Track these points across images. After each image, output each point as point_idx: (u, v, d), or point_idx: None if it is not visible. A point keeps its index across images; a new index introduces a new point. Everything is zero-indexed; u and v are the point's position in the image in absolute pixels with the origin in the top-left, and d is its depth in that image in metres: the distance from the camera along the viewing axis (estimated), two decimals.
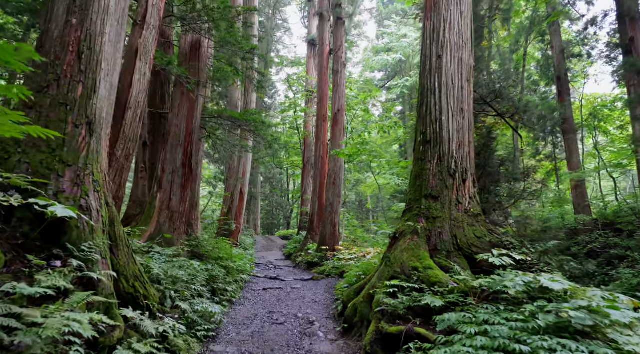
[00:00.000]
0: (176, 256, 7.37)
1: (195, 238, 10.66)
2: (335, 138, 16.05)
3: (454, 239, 5.75)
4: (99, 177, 4.30)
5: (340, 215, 15.95)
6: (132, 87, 5.13)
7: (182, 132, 8.28)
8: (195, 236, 10.93)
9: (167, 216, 7.89)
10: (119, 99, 4.97)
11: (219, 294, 8.04)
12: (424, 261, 5.47)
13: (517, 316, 3.53)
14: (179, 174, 8.15)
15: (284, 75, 38.53)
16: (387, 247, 6.23)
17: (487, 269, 5.45)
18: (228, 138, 11.08)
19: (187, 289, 5.83)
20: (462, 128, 6.32)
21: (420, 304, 4.74)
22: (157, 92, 9.50)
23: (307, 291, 10.07)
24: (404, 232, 6.01)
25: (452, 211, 5.94)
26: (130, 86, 5.12)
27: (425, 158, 6.32)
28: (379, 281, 5.73)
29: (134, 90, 5.14)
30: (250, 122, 8.69)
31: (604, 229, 10.43)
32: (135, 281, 4.51)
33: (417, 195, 6.26)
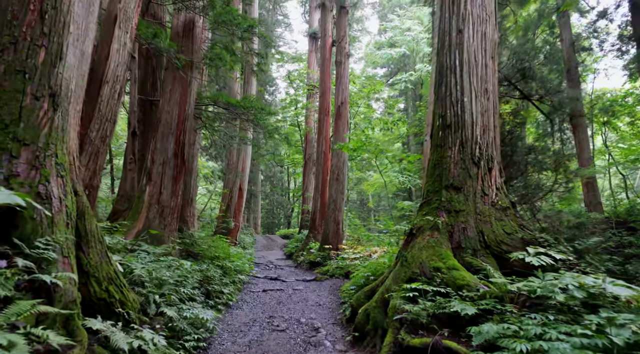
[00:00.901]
0: (166, 255, 6.66)
1: (190, 236, 9.96)
2: (338, 132, 15.33)
3: (480, 235, 5.03)
4: (64, 160, 3.58)
5: (343, 213, 15.24)
6: (109, 58, 4.42)
7: (174, 119, 7.57)
8: (189, 233, 10.23)
9: (157, 211, 7.18)
10: (95, 72, 4.28)
11: (214, 297, 7.33)
12: (447, 260, 4.75)
13: (580, 330, 2.81)
14: (171, 165, 7.44)
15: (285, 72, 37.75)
16: (402, 245, 5.51)
17: (520, 270, 4.73)
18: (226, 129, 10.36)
19: (176, 293, 5.12)
20: (487, 110, 5.60)
21: (446, 311, 4.03)
22: (148, 78, 8.80)
23: (310, 293, 9.36)
24: (422, 227, 5.29)
25: (477, 203, 5.22)
26: (108, 58, 4.42)
27: (445, 144, 5.60)
28: (394, 284, 5.02)
29: (111, 62, 4.44)
30: (249, 110, 7.97)
31: (617, 227, 9.72)
32: (110, 284, 3.79)
33: (436, 186, 5.54)
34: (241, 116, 8.63)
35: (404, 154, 16.28)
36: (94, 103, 4.21)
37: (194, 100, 7.89)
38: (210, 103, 8.42)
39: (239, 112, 8.49)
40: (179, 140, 7.58)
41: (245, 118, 8.56)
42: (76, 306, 3.07)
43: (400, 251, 5.61)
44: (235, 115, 8.71)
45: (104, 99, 4.26)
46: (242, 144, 12.12)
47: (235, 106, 8.08)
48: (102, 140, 4.23)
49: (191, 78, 7.69)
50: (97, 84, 4.26)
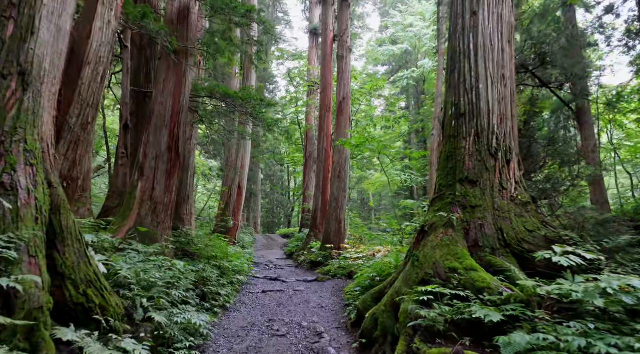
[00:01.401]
0: (158, 255, 6.23)
1: (186, 234, 9.53)
2: (340, 128, 14.89)
3: (499, 232, 4.60)
4: (34, 147, 3.16)
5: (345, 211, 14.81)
6: (91, 37, 4.00)
7: (168, 111, 7.14)
8: (185, 232, 9.80)
9: (149, 207, 6.75)
10: (75, 53, 3.87)
11: (210, 299, 6.91)
12: (464, 260, 4.32)
13: (634, 343, 2.38)
14: (164, 159, 7.01)
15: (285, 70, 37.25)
16: (413, 244, 5.08)
17: (543, 270, 4.31)
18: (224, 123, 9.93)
19: (167, 296, 4.69)
20: (504, 98, 5.17)
21: (465, 317, 3.60)
22: (141, 69, 8.38)
23: (312, 294, 8.94)
24: (435, 224, 4.86)
25: (495, 198, 4.79)
26: (90, 37, 3.99)
27: (459, 135, 5.17)
28: (405, 286, 4.59)
29: (93, 41, 4.02)
30: (247, 102, 7.52)
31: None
32: (88, 287, 3.37)
33: (449, 179, 5.11)
34: (239, 108, 8.20)
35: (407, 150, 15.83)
36: (74, 86, 3.80)
37: (189, 91, 7.47)
38: (207, 95, 8.00)
39: (237, 105, 8.05)
40: (173, 133, 7.15)
41: (243, 111, 8.12)
42: (43, 314, 2.64)
43: (410, 250, 5.19)
44: (233, 108, 8.28)
45: (85, 81, 3.84)
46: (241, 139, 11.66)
47: (233, 98, 7.64)
48: (82, 127, 3.81)
49: (186, 67, 7.26)
50: (77, 66, 3.85)
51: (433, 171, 8.94)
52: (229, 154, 16.65)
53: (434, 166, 8.86)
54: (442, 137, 5.56)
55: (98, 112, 4.09)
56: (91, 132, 3.97)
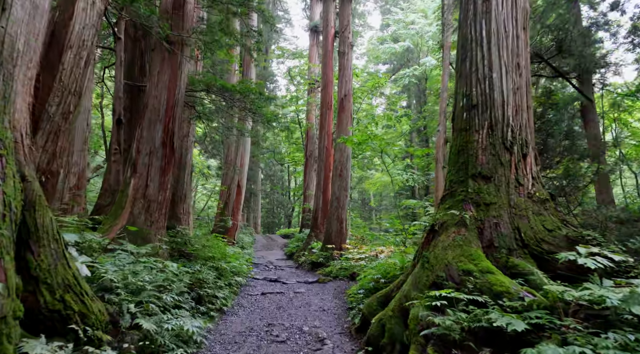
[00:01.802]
0: (151, 256, 5.90)
1: (182, 234, 9.20)
2: (341, 126, 14.54)
3: (515, 232, 4.26)
4: (4, 135, 2.82)
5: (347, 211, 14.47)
6: (73, 19, 3.66)
7: (162, 105, 6.80)
8: (182, 232, 9.47)
9: (142, 206, 6.41)
10: (56, 36, 3.54)
11: (206, 302, 6.57)
12: (479, 262, 3.98)
13: None
14: (158, 155, 6.68)
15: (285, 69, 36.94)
16: (422, 244, 4.75)
17: (565, 273, 3.97)
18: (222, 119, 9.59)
19: (158, 300, 4.35)
20: (520, 88, 4.83)
21: (483, 324, 3.26)
22: (135, 62, 8.05)
23: (313, 297, 8.60)
24: (446, 223, 4.52)
25: (511, 195, 4.45)
26: (72, 18, 3.66)
27: (471, 127, 4.83)
28: (414, 289, 4.25)
29: (76, 23, 3.68)
30: (246, 95, 7.17)
31: None
32: (66, 292, 3.03)
33: (460, 175, 4.77)
34: (238, 103, 7.87)
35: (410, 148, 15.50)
36: (54, 72, 3.47)
37: (184, 84, 7.13)
38: (204, 89, 7.66)
39: (236, 99, 7.72)
40: (167, 128, 6.81)
41: (242, 106, 7.79)
42: (6, 324, 2.30)
43: (418, 250, 4.85)
44: (232, 103, 7.94)
45: (66, 67, 3.51)
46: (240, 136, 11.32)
47: (231, 92, 7.30)
48: (63, 117, 3.48)
49: (182, 59, 6.92)
50: (58, 50, 3.52)
51: (439, 169, 8.65)
52: (228, 152, 16.32)
53: (439, 163, 8.57)
54: (452, 131, 5.22)
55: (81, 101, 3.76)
56: (74, 123, 3.64)
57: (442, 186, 9.13)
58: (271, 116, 8.05)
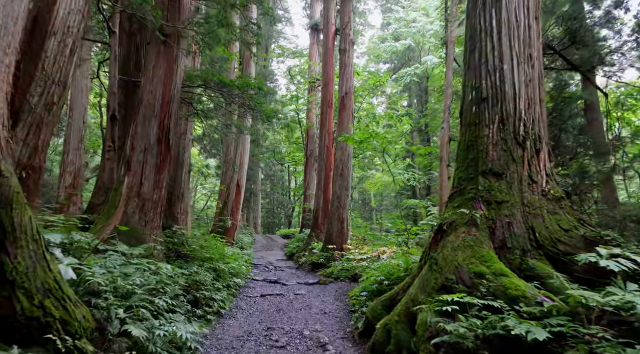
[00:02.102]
0: (145, 257, 5.65)
1: (179, 235, 8.96)
2: (342, 124, 14.30)
3: (529, 232, 4.02)
4: None
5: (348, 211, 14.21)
6: (57, 3, 3.42)
7: (158, 100, 6.56)
8: (178, 232, 9.23)
9: (136, 204, 6.17)
10: (39, 22, 3.31)
11: (203, 304, 6.32)
12: (492, 263, 3.73)
13: None
14: (153, 152, 6.43)
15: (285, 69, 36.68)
16: (429, 244, 4.50)
17: (583, 276, 3.72)
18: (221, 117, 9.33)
19: (150, 304, 4.11)
20: (532, 80, 4.59)
21: (499, 332, 3.01)
22: (130, 57, 7.81)
23: (314, 298, 8.35)
24: (455, 223, 4.28)
25: (524, 192, 4.21)
26: (56, 3, 3.42)
27: (481, 122, 4.59)
28: (422, 293, 4.01)
29: (60, 8, 3.44)
30: (244, 90, 6.91)
31: None
32: (46, 297, 2.79)
33: (470, 172, 4.53)
34: (236, 99, 7.62)
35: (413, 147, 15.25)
36: (36, 61, 3.23)
37: (181, 78, 6.89)
38: (201, 85, 7.42)
39: (234, 95, 7.47)
40: (163, 124, 6.57)
41: (241, 102, 7.54)
42: None
43: (425, 251, 4.60)
44: (230, 99, 7.70)
45: (49, 55, 3.27)
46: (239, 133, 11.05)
47: (229, 87, 7.05)
48: (46, 108, 3.25)
49: (178, 53, 6.68)
50: (41, 36, 3.29)
51: (443, 167, 8.42)
52: (227, 151, 16.08)
53: (444, 161, 8.34)
54: (460, 126, 4.98)
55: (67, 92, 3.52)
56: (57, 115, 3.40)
57: (447, 184, 8.90)
58: (271, 113, 7.81)
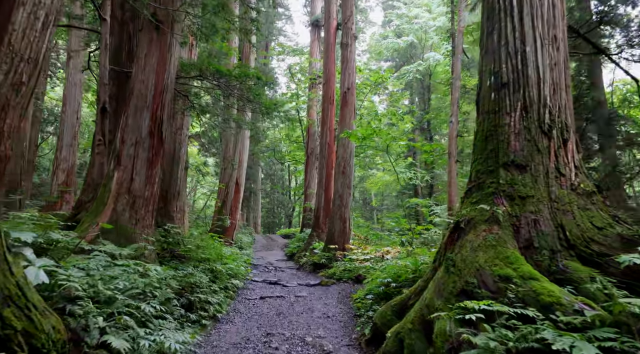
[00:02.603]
0: (135, 258, 5.25)
1: (175, 234, 8.55)
2: (344, 121, 13.88)
3: (559, 230, 3.60)
4: None
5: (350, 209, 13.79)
6: None
7: (150, 90, 6.15)
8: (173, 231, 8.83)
9: (127, 201, 5.76)
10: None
11: (197, 308, 5.90)
12: (519, 266, 3.32)
13: None
14: (145, 146, 6.02)
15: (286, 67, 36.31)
16: (445, 244, 4.08)
17: (621, 279, 3.31)
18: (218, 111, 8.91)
19: (137, 310, 3.70)
20: (557, 64, 4.17)
21: (534, 345, 2.60)
22: (123, 47, 7.41)
23: (316, 301, 7.95)
24: (474, 220, 3.86)
25: (551, 186, 3.79)
26: None
27: (501, 109, 4.17)
28: (438, 297, 3.59)
29: None
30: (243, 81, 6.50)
31: None
32: (5, 305, 2.38)
33: (489, 164, 4.11)
34: (235, 91, 7.21)
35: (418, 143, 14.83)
36: (2, 34, 2.83)
37: (175, 68, 6.49)
38: (197, 75, 7.00)
39: (232, 87, 7.06)
40: (155, 115, 6.16)
41: (239, 94, 7.12)
42: None
43: (440, 251, 4.18)
44: (228, 91, 7.29)
45: (17, 28, 2.86)
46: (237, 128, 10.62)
47: (226, 77, 6.64)
48: (14, 88, 2.84)
49: (171, 40, 6.27)
50: (8, 7, 2.89)
51: (452, 163, 8.01)
52: (225, 149, 15.67)
53: (452, 157, 7.93)
54: (477, 114, 4.57)
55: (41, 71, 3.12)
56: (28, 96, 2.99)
57: (455, 181, 8.49)
58: (270, 105, 7.39)
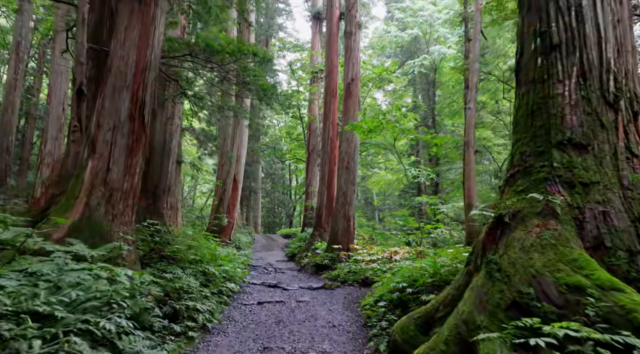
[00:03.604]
0: (110, 259, 4.46)
1: (165, 232, 7.78)
2: (348, 113, 13.07)
3: (636, 225, 2.80)
4: None
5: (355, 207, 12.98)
6: None
7: (130, 68, 5.38)
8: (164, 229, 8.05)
9: (102, 195, 4.97)
10: None
11: (184, 318, 5.11)
12: (592, 272, 2.53)
13: None
14: (124, 131, 5.24)
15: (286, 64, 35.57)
16: (482, 243, 3.28)
17: None
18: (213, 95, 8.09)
19: (96, 327, 2.91)
20: (621, 20, 3.38)
21: None
22: (104, 23, 6.63)
23: (319, 307, 7.16)
24: (522, 213, 3.07)
25: (622, 170, 3.00)
26: None
27: (551, 77, 3.37)
28: (479, 311, 2.80)
29: None
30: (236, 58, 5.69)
31: None
32: None
33: (538, 144, 3.31)
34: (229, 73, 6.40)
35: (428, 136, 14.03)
36: None
37: (160, 43, 5.70)
38: (185, 54, 6.20)
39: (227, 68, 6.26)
40: (136, 97, 5.37)
41: (235, 76, 6.32)
42: None
43: (475, 252, 3.38)
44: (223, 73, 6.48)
45: None
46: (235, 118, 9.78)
47: (219, 54, 5.83)
48: None
49: (155, 11, 5.49)
50: None
51: (470, 153, 7.21)
52: (223, 143, 14.89)
53: (471, 146, 7.13)
54: (517, 86, 3.76)
55: None
56: None
57: (474, 174, 7.70)
58: (269, 87, 6.58)
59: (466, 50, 9.85)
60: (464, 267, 3.58)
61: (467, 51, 9.78)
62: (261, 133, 25.92)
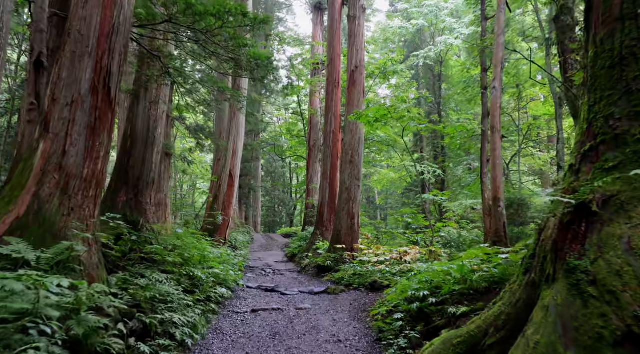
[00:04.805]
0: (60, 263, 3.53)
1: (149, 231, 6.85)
2: (352, 102, 12.11)
3: None
4: None
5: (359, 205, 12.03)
6: None
7: (94, 31, 4.45)
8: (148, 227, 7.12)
9: (55, 183, 4.04)
10: None
11: (157, 334, 4.16)
12: None
13: None
14: (85, 107, 4.30)
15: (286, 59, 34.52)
16: (553, 241, 2.32)
17: None
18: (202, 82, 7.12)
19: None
20: None
21: None
22: None
23: (322, 316, 6.22)
24: (619, 197, 2.11)
25: None
26: None
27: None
28: (567, 344, 1.85)
29: None
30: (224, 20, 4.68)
31: None
32: None
33: (632, 102, 2.35)
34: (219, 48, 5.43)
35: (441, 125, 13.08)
36: None
37: (131, 3, 4.76)
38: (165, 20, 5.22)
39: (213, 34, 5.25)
40: (100, 65, 4.43)
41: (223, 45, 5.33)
42: None
43: (540, 254, 2.42)
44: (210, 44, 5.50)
45: None
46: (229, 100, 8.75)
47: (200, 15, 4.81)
48: None
49: None
50: None
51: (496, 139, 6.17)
52: (219, 137, 13.94)
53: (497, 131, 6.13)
54: (590, 28, 2.81)
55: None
56: None
57: (500, 163, 6.73)
58: (262, 56, 5.59)
59: (483, 30, 8.88)
60: (520, 275, 2.62)
61: (483, 31, 8.81)
62: (261, 129, 24.94)
